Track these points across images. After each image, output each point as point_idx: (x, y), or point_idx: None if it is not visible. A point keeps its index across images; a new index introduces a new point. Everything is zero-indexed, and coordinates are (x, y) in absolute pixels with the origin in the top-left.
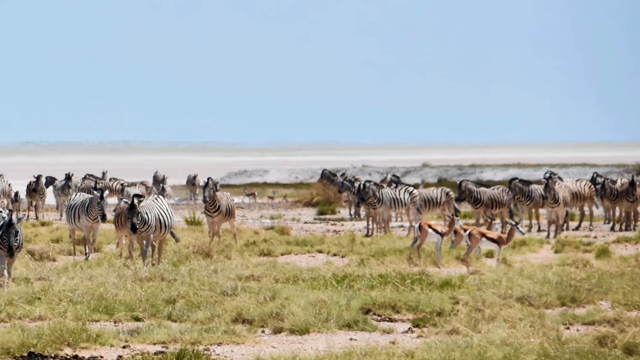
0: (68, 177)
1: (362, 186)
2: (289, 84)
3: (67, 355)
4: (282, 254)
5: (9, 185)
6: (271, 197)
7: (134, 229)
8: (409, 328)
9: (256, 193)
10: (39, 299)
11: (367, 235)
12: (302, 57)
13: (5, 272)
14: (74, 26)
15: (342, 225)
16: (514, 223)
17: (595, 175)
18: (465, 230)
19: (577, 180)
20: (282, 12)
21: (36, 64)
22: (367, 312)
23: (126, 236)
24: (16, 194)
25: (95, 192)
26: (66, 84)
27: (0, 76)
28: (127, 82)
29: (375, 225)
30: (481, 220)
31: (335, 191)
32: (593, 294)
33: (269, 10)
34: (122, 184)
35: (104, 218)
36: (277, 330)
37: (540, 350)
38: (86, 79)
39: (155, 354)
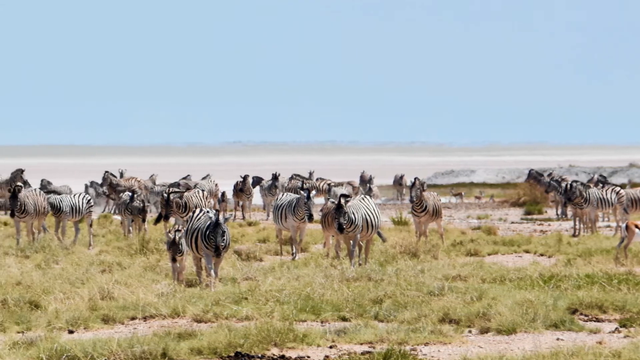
0: (275, 177)
1: (569, 186)
2: (496, 84)
3: (274, 355)
4: (488, 254)
5: (216, 185)
6: (478, 197)
7: (340, 228)
8: (616, 328)
9: (463, 193)
10: (246, 299)
11: (573, 235)
12: (510, 56)
13: (212, 272)
14: (281, 26)
15: (549, 225)
16: None
17: None
18: None
19: None
20: (489, 11)
21: (241, 66)
22: (574, 312)
23: (333, 236)
24: (223, 194)
25: (302, 192)
26: (273, 84)
27: (212, 79)
28: (333, 83)
29: (582, 225)
30: None
31: (542, 191)
32: None
33: (477, 10)
34: (329, 184)
35: (310, 218)
36: (484, 330)
37: None
38: (293, 80)
39: (362, 354)
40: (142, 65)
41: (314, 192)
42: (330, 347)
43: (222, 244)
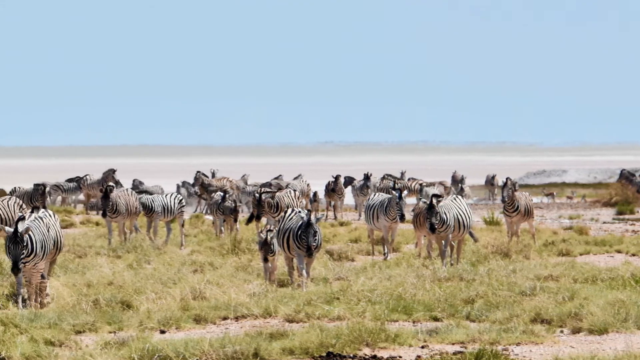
0: (367, 177)
1: None
2: (588, 83)
3: (365, 355)
4: (580, 254)
5: (308, 185)
6: (570, 197)
7: (432, 228)
8: None
9: (555, 193)
10: (338, 299)
11: None
12: (603, 56)
13: (304, 272)
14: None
15: None
16: None
17: None
18: None
19: None
20: (583, 10)
21: (334, 66)
22: None
23: (424, 236)
24: (315, 193)
25: (393, 192)
26: (366, 84)
27: (304, 79)
28: (425, 83)
29: None
30: None
31: (633, 191)
32: None
33: (572, 10)
34: (420, 184)
35: (402, 218)
36: (576, 330)
37: None
38: (386, 80)
39: (454, 354)
40: (235, 66)
41: (405, 192)
42: (422, 347)
43: (314, 244)
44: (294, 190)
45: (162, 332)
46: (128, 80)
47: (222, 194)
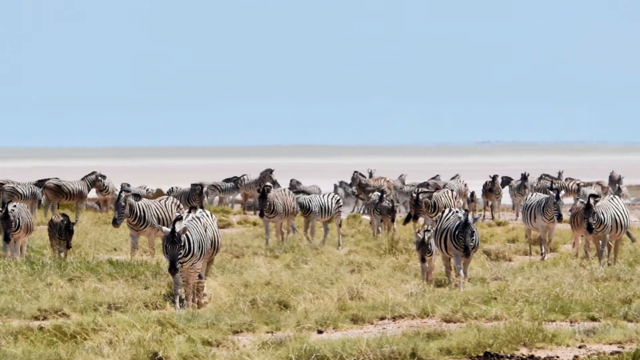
0: (524, 177)
1: None
2: None
3: (522, 355)
4: None
5: (465, 185)
6: None
7: (590, 228)
8: None
9: None
10: (495, 298)
11: None
12: None
13: (461, 272)
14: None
15: None
16: None
17: None
18: None
19: None
20: None
21: (489, 65)
22: None
23: (582, 236)
24: (472, 193)
25: (551, 192)
26: (519, 83)
27: (458, 78)
28: (582, 82)
29: None
30: None
31: None
32: None
33: None
34: (578, 184)
35: (559, 218)
36: None
37: None
38: (541, 80)
39: (611, 354)
40: (394, 66)
41: (562, 192)
42: (579, 347)
43: (471, 244)
44: (452, 190)
45: (320, 332)
46: (288, 80)
47: (379, 194)
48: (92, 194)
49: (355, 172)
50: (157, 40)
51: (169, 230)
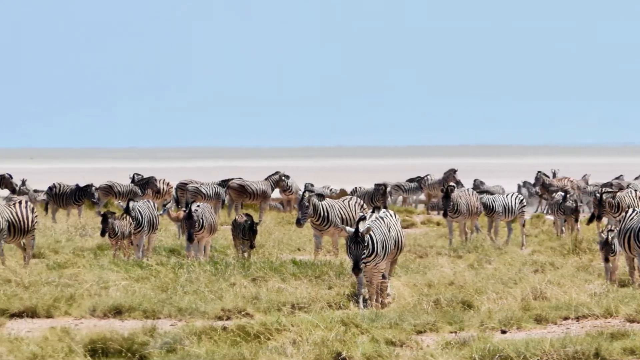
0: None
1: None
2: None
3: None
4: None
5: None
6: None
7: None
8: None
9: None
10: None
11: None
12: None
13: None
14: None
15: None
16: None
17: None
18: None
19: None
20: None
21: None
22: None
23: None
24: None
25: None
26: None
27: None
28: None
29: None
30: None
31: None
32: None
33: None
34: None
35: None
36: None
37: None
38: None
39: None
40: (580, 65)
41: None
42: None
43: None
44: (635, 190)
45: (503, 332)
46: (473, 81)
47: (563, 194)
48: (276, 193)
49: (539, 172)
50: (345, 41)
51: (352, 230)
